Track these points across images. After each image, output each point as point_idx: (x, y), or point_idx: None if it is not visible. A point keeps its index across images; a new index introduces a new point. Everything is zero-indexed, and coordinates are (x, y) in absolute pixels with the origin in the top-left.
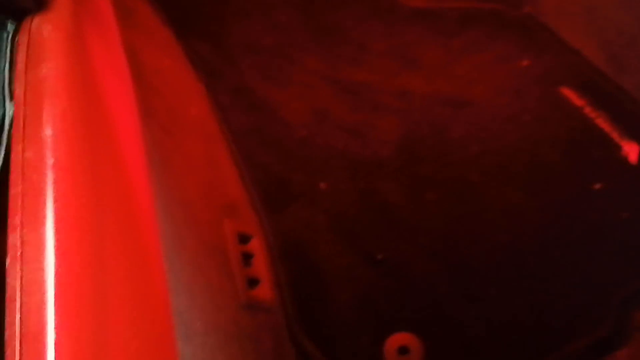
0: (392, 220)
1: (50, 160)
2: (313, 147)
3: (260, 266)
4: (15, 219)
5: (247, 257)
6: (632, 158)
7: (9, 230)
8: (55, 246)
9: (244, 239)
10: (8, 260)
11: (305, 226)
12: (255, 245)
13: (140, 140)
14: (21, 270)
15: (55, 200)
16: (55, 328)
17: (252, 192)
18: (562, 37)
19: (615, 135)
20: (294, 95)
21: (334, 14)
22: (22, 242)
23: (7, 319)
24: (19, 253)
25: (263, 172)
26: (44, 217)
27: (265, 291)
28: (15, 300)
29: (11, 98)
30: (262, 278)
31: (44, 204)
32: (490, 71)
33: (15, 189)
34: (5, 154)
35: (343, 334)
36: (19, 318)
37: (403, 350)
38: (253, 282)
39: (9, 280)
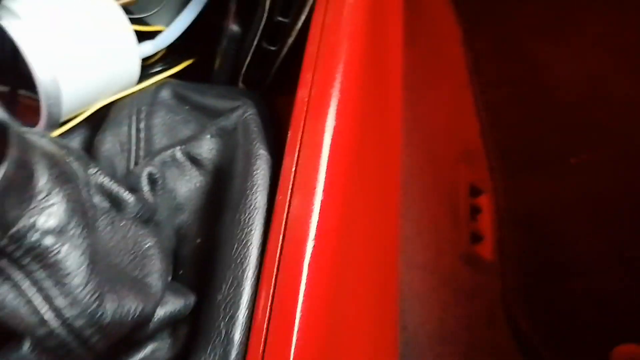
0: None
1: (346, 28)
2: (575, 116)
3: (486, 224)
4: (307, 76)
5: (474, 211)
6: None
7: (300, 85)
8: (336, 110)
9: (474, 191)
10: (293, 113)
11: (545, 198)
12: (485, 202)
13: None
14: (303, 126)
15: (345, 65)
16: (315, 237)
17: (492, 149)
18: None
19: None
20: (567, 56)
21: None
22: (310, 98)
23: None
24: (305, 108)
25: (508, 130)
26: (333, 79)
27: (486, 250)
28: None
29: None
30: (486, 237)
31: (335, 68)
32: None
33: (312, 48)
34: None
35: (567, 328)
36: (275, 271)
37: None
38: (476, 238)
39: (290, 135)
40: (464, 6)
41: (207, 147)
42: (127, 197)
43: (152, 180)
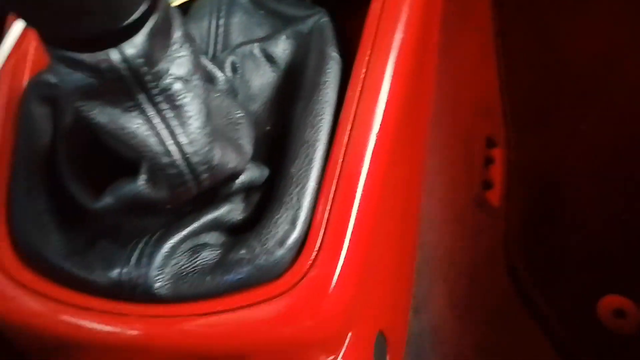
0: None
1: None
2: (589, 87)
3: (497, 174)
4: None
5: (487, 162)
6: None
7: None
8: (404, 24)
9: (490, 143)
10: (367, 20)
11: (552, 158)
12: (498, 154)
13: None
14: (375, 33)
15: (403, 33)
16: (367, 174)
17: (509, 107)
18: None
19: None
20: (587, 30)
21: None
22: (382, 10)
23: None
24: (378, 16)
25: (524, 93)
26: (389, 50)
27: (495, 197)
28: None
29: None
30: (496, 185)
31: (393, 35)
32: None
33: (372, 17)
34: None
35: (559, 275)
36: (342, 153)
37: (619, 313)
38: (487, 185)
39: (363, 39)
40: None
41: (282, 47)
42: (218, 73)
43: (234, 68)
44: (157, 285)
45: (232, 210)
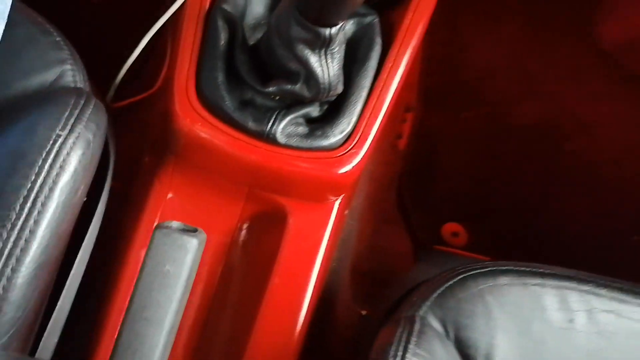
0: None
1: None
2: (477, 85)
3: (406, 129)
4: (399, 35)
5: (402, 120)
6: None
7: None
8: (407, 60)
9: (407, 108)
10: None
11: (442, 127)
12: (410, 116)
13: None
14: (391, 66)
15: (420, 31)
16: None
17: (423, 85)
18: None
19: None
20: (490, 41)
21: None
22: (398, 47)
23: None
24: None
25: (434, 78)
26: (410, 41)
27: (402, 144)
28: None
29: None
30: (403, 137)
31: (414, 33)
32: None
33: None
34: None
35: (426, 201)
36: (377, 94)
37: (455, 234)
38: (398, 136)
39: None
40: None
41: (349, 28)
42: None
43: None
44: (279, 137)
45: (314, 110)
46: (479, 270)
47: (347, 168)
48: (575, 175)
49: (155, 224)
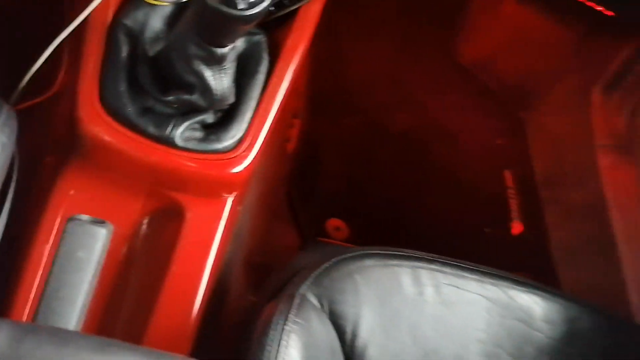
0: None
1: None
2: (356, 94)
3: (294, 134)
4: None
5: (290, 126)
6: (514, 232)
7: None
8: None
9: (294, 114)
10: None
11: (323, 132)
12: (297, 122)
13: None
14: (275, 79)
15: (301, 48)
16: (273, 116)
17: (309, 93)
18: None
19: (514, 213)
20: (366, 55)
21: None
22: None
23: None
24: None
25: (319, 86)
26: (292, 58)
27: (291, 147)
28: None
29: None
30: (292, 140)
31: (296, 49)
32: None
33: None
34: None
35: (310, 200)
36: (264, 104)
37: (337, 229)
38: (287, 140)
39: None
40: None
41: (239, 44)
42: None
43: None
44: (177, 140)
45: (209, 117)
46: (349, 255)
47: (239, 168)
48: (438, 176)
49: (58, 219)
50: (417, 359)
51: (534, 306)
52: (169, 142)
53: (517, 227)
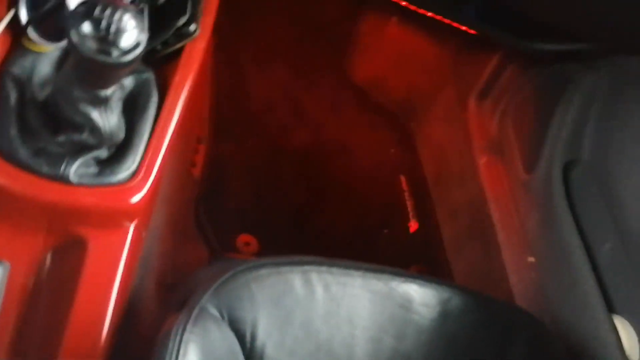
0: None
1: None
2: (258, 118)
3: (199, 159)
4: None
5: (195, 151)
6: (412, 230)
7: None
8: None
9: (198, 140)
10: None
11: (229, 154)
12: (201, 148)
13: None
14: (166, 113)
15: (189, 83)
16: (165, 149)
17: (213, 119)
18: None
19: (411, 214)
20: (267, 79)
21: None
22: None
23: None
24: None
25: (222, 111)
26: (180, 92)
27: (197, 171)
28: None
29: None
30: (197, 165)
31: (184, 84)
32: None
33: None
34: None
35: (219, 218)
36: (155, 138)
37: (247, 244)
38: (192, 165)
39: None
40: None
41: (129, 81)
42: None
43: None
44: (72, 177)
45: (103, 152)
46: (245, 266)
47: (136, 198)
48: (339, 187)
49: None
50: (311, 351)
51: (412, 293)
52: (64, 179)
53: (413, 226)
